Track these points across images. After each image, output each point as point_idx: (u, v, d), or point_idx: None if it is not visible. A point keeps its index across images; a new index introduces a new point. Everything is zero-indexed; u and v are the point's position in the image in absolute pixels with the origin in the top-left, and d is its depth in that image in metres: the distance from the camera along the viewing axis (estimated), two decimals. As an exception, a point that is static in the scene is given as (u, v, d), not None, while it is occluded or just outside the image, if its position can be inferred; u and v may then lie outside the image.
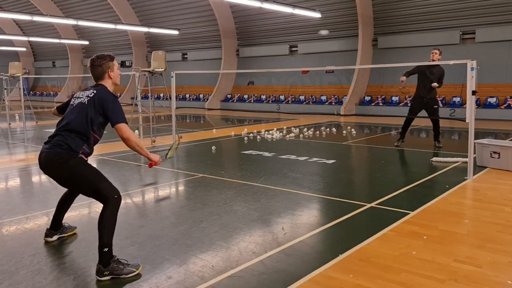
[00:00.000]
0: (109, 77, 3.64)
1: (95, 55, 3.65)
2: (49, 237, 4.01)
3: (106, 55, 3.66)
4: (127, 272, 3.28)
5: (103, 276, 3.24)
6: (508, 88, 15.94)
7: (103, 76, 3.62)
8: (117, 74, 3.68)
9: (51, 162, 3.44)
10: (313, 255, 3.72)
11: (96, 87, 3.59)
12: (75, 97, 3.62)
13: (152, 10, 25.23)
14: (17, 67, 15.88)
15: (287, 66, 20.85)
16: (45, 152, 3.47)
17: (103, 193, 3.37)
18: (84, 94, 3.55)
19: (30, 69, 35.15)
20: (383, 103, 18.36)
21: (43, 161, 3.49)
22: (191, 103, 24.41)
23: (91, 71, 3.64)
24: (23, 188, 6.44)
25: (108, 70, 3.62)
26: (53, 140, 3.46)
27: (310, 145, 10.15)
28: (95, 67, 3.61)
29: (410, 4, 17.57)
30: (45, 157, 3.47)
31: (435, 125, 9.23)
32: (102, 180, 3.44)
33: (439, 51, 8.85)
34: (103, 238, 3.29)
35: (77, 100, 3.54)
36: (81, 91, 3.64)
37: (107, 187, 3.41)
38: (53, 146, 3.43)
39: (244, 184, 6.19)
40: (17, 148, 10.40)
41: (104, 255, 3.26)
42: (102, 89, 3.57)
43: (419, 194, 5.68)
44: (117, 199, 3.40)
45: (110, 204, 3.36)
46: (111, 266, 3.26)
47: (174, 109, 10.44)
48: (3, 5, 29.27)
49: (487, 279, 3.17)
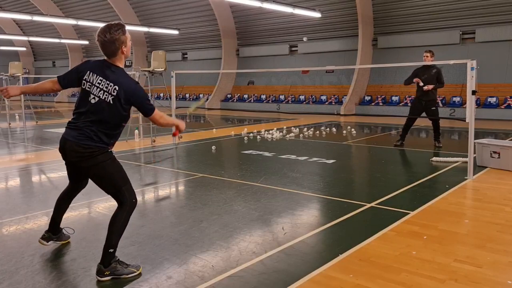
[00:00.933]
0: (122, 53, 3.26)
1: (106, 26, 3.20)
2: (45, 241, 3.82)
3: (117, 25, 3.21)
4: (127, 273, 3.27)
5: (103, 276, 3.22)
6: (508, 88, 15.94)
7: (116, 53, 3.23)
8: (129, 47, 3.32)
9: (78, 153, 3.21)
10: (313, 255, 3.72)
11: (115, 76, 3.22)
12: (90, 82, 3.22)
13: (152, 10, 25.22)
14: (17, 67, 15.89)
15: (287, 66, 20.86)
16: (72, 141, 3.20)
17: (124, 194, 3.32)
18: (103, 85, 3.19)
19: (30, 69, 35.15)
20: (383, 103, 18.36)
21: (68, 150, 3.24)
22: (191, 103, 24.40)
23: (102, 47, 3.22)
24: (23, 188, 6.44)
25: (122, 46, 3.23)
26: (79, 128, 3.20)
27: (310, 145, 10.15)
28: (107, 44, 3.19)
29: (410, 4, 17.57)
30: (71, 147, 3.21)
31: (435, 126, 9.24)
32: (126, 182, 3.36)
33: (430, 53, 8.84)
34: (111, 239, 3.25)
35: (96, 92, 3.19)
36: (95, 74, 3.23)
37: (129, 189, 3.36)
38: (83, 137, 3.18)
39: (244, 184, 6.19)
40: (17, 148, 10.39)
41: (107, 256, 3.24)
42: (124, 80, 3.22)
43: (419, 194, 5.68)
44: (134, 203, 3.38)
45: (127, 207, 3.33)
46: (112, 266, 3.24)
47: (174, 109, 10.44)
48: (3, 5, 29.27)
49: (487, 279, 3.17)
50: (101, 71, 3.25)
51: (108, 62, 3.30)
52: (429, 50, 8.92)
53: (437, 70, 8.88)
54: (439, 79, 8.86)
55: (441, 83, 8.90)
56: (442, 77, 8.93)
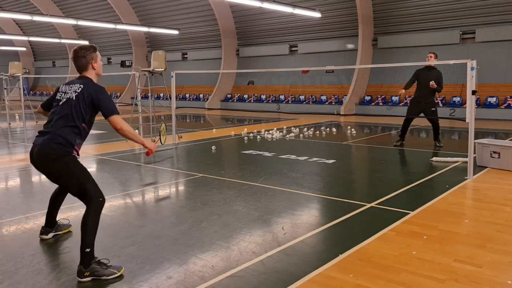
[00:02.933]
0: (93, 68, 3.60)
1: (78, 46, 3.62)
2: (44, 235, 4.02)
3: (89, 46, 3.63)
4: (108, 274, 3.24)
5: (83, 277, 3.21)
6: (508, 88, 15.94)
7: (87, 67, 3.59)
8: (100, 65, 3.66)
9: (43, 157, 3.39)
10: (313, 255, 3.72)
11: (82, 81, 3.54)
12: (62, 92, 3.55)
13: (152, 10, 25.22)
14: (17, 66, 15.89)
15: (287, 66, 20.85)
16: (39, 146, 3.41)
17: (89, 193, 3.38)
18: (71, 89, 3.50)
19: (30, 69, 35.14)
20: (383, 103, 18.35)
21: (35, 155, 3.44)
22: (191, 103, 24.41)
23: (75, 62, 3.59)
24: (23, 188, 6.44)
25: (92, 61, 3.59)
26: (47, 135, 3.41)
27: (310, 145, 10.15)
28: (79, 58, 3.56)
29: (410, 4, 17.57)
30: (38, 151, 3.41)
31: (435, 128, 9.24)
32: (89, 181, 3.44)
33: (434, 55, 8.87)
34: (85, 238, 3.27)
35: (65, 96, 3.49)
36: (66, 85, 3.59)
37: (93, 188, 3.42)
38: (48, 141, 3.38)
39: (244, 184, 6.19)
40: (17, 148, 10.39)
41: (85, 256, 3.23)
42: (88, 82, 3.55)
43: (419, 194, 5.68)
44: (101, 202, 3.42)
45: (94, 206, 3.37)
46: (92, 267, 3.23)
47: (174, 109, 10.44)
48: (3, 5, 29.27)
49: (487, 279, 3.17)
50: (71, 81, 3.63)
51: (80, 75, 3.66)
52: (433, 52, 8.97)
53: (439, 73, 8.88)
54: (439, 83, 8.84)
55: (441, 87, 8.89)
56: (442, 81, 8.92)
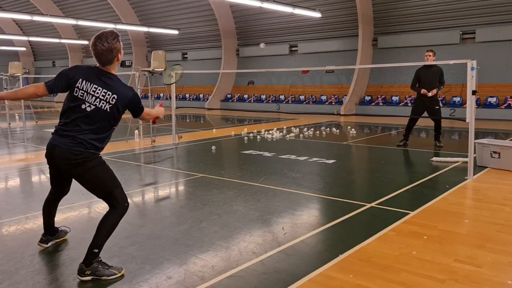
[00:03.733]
0: (117, 60, 3.29)
1: (102, 34, 3.19)
2: (44, 244, 3.86)
3: (113, 34, 3.23)
4: (108, 274, 3.23)
5: (84, 276, 3.19)
6: (508, 88, 15.94)
7: (113, 61, 3.25)
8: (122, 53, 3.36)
9: (69, 161, 3.19)
10: (313, 255, 3.72)
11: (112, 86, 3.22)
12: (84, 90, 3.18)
13: (152, 10, 25.22)
14: (17, 66, 15.88)
15: (287, 66, 20.85)
16: (63, 148, 3.17)
17: (116, 199, 3.31)
18: (98, 93, 3.17)
19: (30, 68, 35.13)
20: (383, 103, 18.35)
21: (58, 158, 3.22)
22: (191, 103, 24.40)
23: (98, 56, 3.21)
24: (23, 188, 6.44)
25: (118, 53, 3.26)
26: (70, 137, 3.18)
27: (310, 145, 10.15)
28: (105, 53, 3.19)
29: (410, 4, 17.57)
30: (62, 154, 3.18)
31: (437, 125, 9.24)
32: (117, 185, 3.36)
33: (432, 53, 8.87)
34: (98, 239, 3.24)
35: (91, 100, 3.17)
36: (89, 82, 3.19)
37: (121, 193, 3.35)
38: (74, 144, 3.16)
39: (244, 184, 6.19)
40: (17, 148, 10.39)
41: (91, 255, 3.21)
42: (120, 89, 3.24)
43: (419, 194, 5.68)
44: (126, 207, 3.37)
45: (119, 210, 3.32)
46: (93, 266, 3.21)
47: (174, 108, 10.44)
48: (3, 5, 29.26)
49: (487, 279, 3.17)
50: (96, 79, 3.22)
51: (102, 70, 3.28)
52: (431, 50, 8.94)
53: (439, 70, 8.90)
54: (441, 80, 8.88)
55: (442, 84, 8.93)
56: (443, 77, 8.95)
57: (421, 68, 9.06)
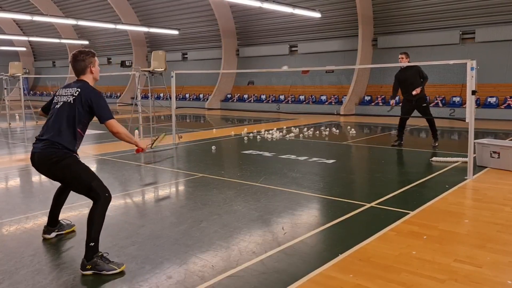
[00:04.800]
0: (91, 72, 3.69)
1: (77, 50, 3.69)
2: (47, 234, 4.06)
3: (88, 51, 3.71)
4: (108, 269, 3.32)
5: (85, 270, 3.31)
6: (508, 88, 15.94)
7: (85, 71, 3.67)
8: (97, 70, 3.76)
9: (44, 161, 3.48)
10: (313, 255, 3.72)
11: (79, 84, 3.61)
12: (58, 95, 3.63)
13: (152, 10, 25.22)
14: (17, 67, 15.88)
15: (287, 66, 20.81)
16: (39, 152, 3.50)
17: (95, 191, 3.46)
18: (67, 92, 3.58)
19: (30, 69, 35.13)
20: (383, 103, 18.34)
21: (37, 160, 3.54)
22: (191, 103, 24.40)
23: (73, 65, 3.67)
24: (23, 188, 6.44)
25: (90, 66, 3.67)
26: (45, 140, 3.49)
27: (310, 145, 10.15)
28: (78, 62, 3.64)
29: (410, 4, 17.57)
30: (38, 156, 3.50)
31: (430, 124, 9.28)
32: (94, 179, 3.51)
33: (405, 55, 8.95)
34: (91, 233, 3.38)
35: (62, 99, 3.57)
36: (63, 88, 3.66)
37: (99, 185, 3.49)
38: (46, 146, 3.47)
39: (244, 184, 6.19)
40: (17, 148, 10.39)
41: (90, 250, 3.34)
42: (86, 86, 3.61)
43: (419, 194, 5.68)
44: (107, 197, 3.50)
45: (101, 202, 3.46)
46: (94, 261, 3.32)
47: (174, 108, 10.44)
48: (3, 5, 29.27)
49: (487, 279, 3.17)
50: (69, 85, 3.69)
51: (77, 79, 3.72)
52: (404, 52, 9.05)
53: (417, 68, 8.98)
54: (422, 75, 8.92)
55: (425, 78, 8.97)
56: (423, 71, 9.01)
57: (399, 72, 9.21)
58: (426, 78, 8.99)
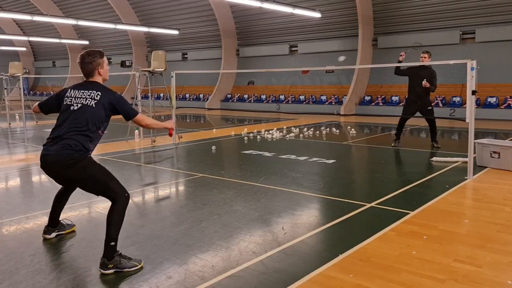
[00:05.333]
0: (99, 74, 3.69)
1: (85, 52, 3.66)
2: (47, 234, 4.05)
3: (96, 52, 3.68)
4: (130, 266, 3.36)
5: (107, 270, 3.31)
6: (508, 88, 15.94)
7: (93, 73, 3.66)
8: (106, 70, 3.75)
9: (60, 164, 3.41)
10: (313, 255, 3.72)
11: (96, 86, 3.60)
12: (71, 96, 3.56)
13: (152, 10, 25.22)
14: (17, 67, 15.88)
15: (287, 66, 20.84)
16: (53, 154, 3.41)
17: (113, 191, 3.45)
18: (85, 95, 3.53)
19: (30, 69, 35.13)
20: (383, 103, 18.35)
21: (50, 164, 3.46)
22: (191, 103, 24.40)
23: (81, 67, 3.65)
24: (23, 188, 6.44)
25: (98, 67, 3.66)
26: (60, 142, 3.41)
27: (310, 145, 10.15)
28: (86, 64, 3.62)
29: (410, 4, 17.57)
30: (53, 159, 3.42)
31: (431, 126, 9.24)
32: (111, 179, 3.51)
33: (428, 54, 8.76)
34: (110, 232, 3.38)
35: (79, 101, 3.51)
36: (76, 90, 3.60)
37: (117, 186, 3.49)
38: (62, 148, 3.39)
39: (244, 184, 6.19)
40: (17, 148, 10.40)
41: (110, 249, 3.35)
42: (105, 89, 3.62)
43: (419, 194, 5.68)
44: (126, 198, 3.50)
45: (120, 202, 3.45)
46: (115, 259, 3.34)
47: (174, 109, 10.44)
48: (3, 5, 29.27)
49: (487, 279, 3.17)
50: (82, 86, 3.65)
51: (87, 80, 3.71)
52: (426, 51, 8.88)
53: (432, 73, 8.79)
54: (432, 82, 8.75)
55: (434, 86, 8.80)
56: (436, 80, 8.82)
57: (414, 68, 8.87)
58: (435, 86, 8.81)
